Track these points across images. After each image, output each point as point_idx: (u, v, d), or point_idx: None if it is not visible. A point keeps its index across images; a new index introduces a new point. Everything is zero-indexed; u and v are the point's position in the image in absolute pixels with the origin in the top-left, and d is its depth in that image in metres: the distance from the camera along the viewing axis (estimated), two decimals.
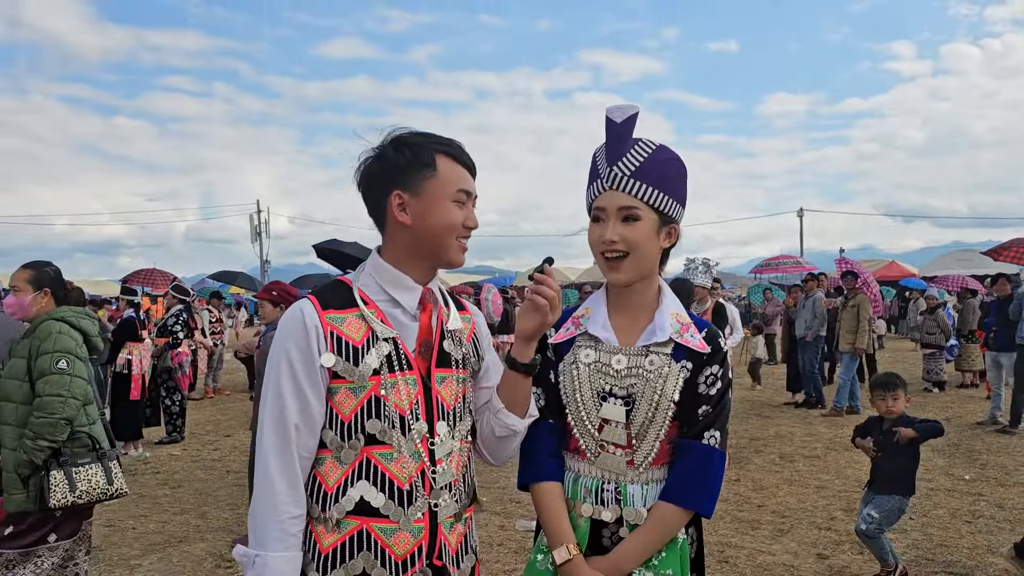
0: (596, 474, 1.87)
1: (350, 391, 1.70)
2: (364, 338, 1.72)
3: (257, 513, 1.68)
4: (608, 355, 1.88)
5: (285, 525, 1.65)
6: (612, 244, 1.82)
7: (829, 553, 5.02)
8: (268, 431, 1.69)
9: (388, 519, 1.69)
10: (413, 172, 1.74)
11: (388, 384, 1.70)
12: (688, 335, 1.87)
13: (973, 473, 7.06)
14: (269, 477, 1.67)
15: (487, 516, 5.82)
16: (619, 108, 1.83)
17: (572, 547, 1.82)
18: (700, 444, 1.82)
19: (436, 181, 1.75)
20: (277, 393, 1.69)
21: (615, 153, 1.83)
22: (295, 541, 1.67)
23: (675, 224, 1.89)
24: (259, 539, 1.66)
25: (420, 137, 1.79)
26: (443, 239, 1.77)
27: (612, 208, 1.83)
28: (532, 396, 1.90)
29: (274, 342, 1.74)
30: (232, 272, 20.55)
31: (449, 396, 1.80)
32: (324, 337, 1.69)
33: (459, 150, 1.80)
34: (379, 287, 1.78)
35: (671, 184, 1.85)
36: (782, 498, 6.36)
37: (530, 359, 1.83)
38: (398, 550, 1.69)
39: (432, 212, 1.75)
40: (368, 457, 1.70)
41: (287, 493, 1.66)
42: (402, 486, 1.70)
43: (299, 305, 1.75)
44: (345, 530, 1.69)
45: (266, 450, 1.68)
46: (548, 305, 1.77)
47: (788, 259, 17.99)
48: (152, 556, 5.22)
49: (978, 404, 10.84)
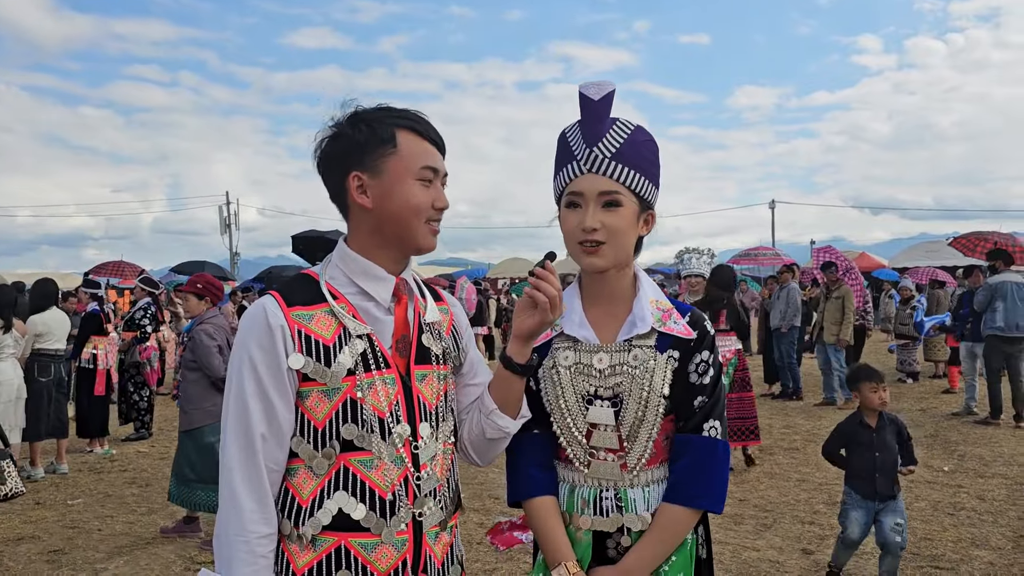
0: (592, 483, 1.74)
1: (323, 394, 1.55)
2: (335, 336, 1.56)
3: (223, 533, 1.52)
4: (589, 355, 1.74)
5: (253, 546, 1.50)
6: (592, 232, 1.68)
7: (814, 548, 4.96)
8: (231, 443, 1.53)
9: (369, 532, 1.54)
10: (372, 150, 1.59)
11: (364, 385, 1.56)
12: (671, 322, 1.74)
13: (952, 464, 7.06)
14: (234, 494, 1.51)
15: (466, 513, 5.69)
16: (595, 85, 1.68)
17: (571, 565, 1.69)
18: (701, 437, 1.70)
19: (397, 158, 1.59)
20: (240, 401, 1.53)
21: (594, 133, 1.68)
22: (265, 563, 1.51)
23: (652, 210, 1.77)
24: (225, 561, 1.50)
25: (380, 112, 1.63)
26: (409, 222, 1.60)
27: (592, 193, 1.68)
28: (524, 398, 1.75)
29: (235, 344, 1.58)
30: (198, 262, 20.20)
31: (431, 395, 1.65)
32: (291, 337, 1.54)
33: (423, 124, 1.64)
34: (348, 279, 1.63)
35: (649, 167, 1.72)
36: (764, 492, 6.31)
37: (527, 359, 1.69)
38: (380, 566, 1.54)
39: (395, 193, 1.59)
40: (346, 465, 1.55)
41: (255, 511, 1.51)
42: (384, 495, 1.55)
43: (261, 302, 1.58)
44: (321, 547, 1.54)
45: (230, 464, 1.52)
46: (548, 303, 1.62)
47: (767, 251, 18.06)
48: (118, 559, 5.03)
49: (953, 395, 10.91)
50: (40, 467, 7.32)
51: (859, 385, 4.36)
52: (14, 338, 6.83)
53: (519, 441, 1.79)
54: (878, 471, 4.17)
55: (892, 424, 4.35)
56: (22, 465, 7.17)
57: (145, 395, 9.11)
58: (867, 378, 4.35)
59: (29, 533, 5.62)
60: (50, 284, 8.04)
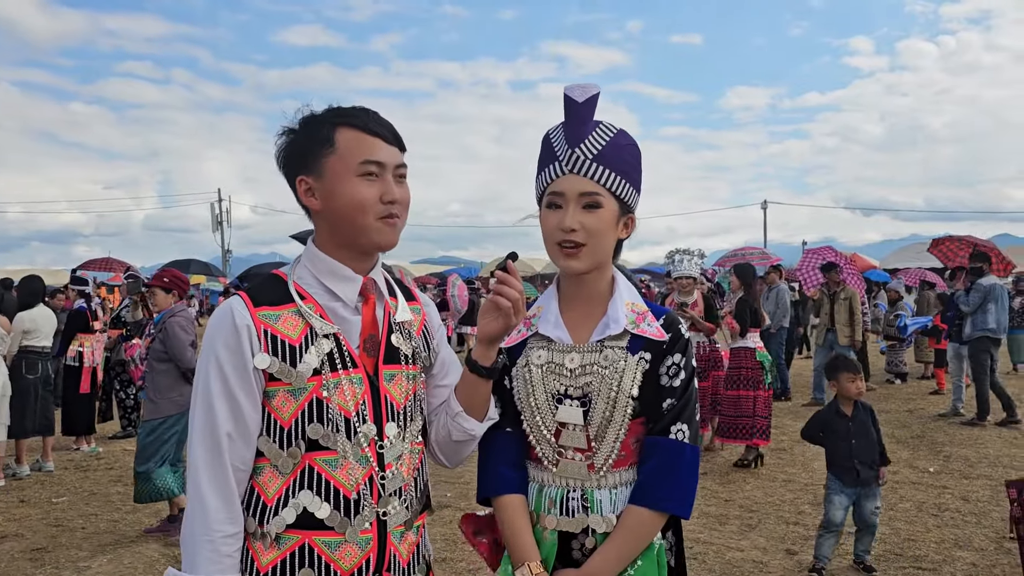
0: (560, 483, 1.74)
1: (289, 394, 1.56)
2: (302, 336, 1.57)
3: (188, 532, 1.53)
4: (561, 354, 1.75)
5: (217, 545, 1.50)
6: (572, 232, 1.68)
7: (798, 548, 4.97)
8: (197, 442, 1.54)
9: (333, 531, 1.55)
10: (312, 152, 1.59)
11: (331, 384, 1.56)
12: (645, 324, 1.74)
13: (937, 465, 7.09)
14: (200, 492, 1.52)
15: (451, 512, 5.69)
16: (580, 87, 1.69)
17: (534, 565, 1.68)
18: (667, 439, 1.69)
19: (336, 157, 1.58)
20: (206, 400, 1.54)
21: (576, 135, 1.69)
22: (230, 562, 1.52)
23: (632, 214, 1.77)
24: (190, 560, 1.51)
25: (323, 113, 1.63)
26: (355, 220, 1.58)
27: (572, 193, 1.68)
28: (493, 398, 1.76)
29: (203, 344, 1.59)
30: (185, 261, 20.15)
31: (399, 395, 1.65)
32: (257, 336, 1.54)
33: (365, 118, 1.61)
34: (315, 279, 1.63)
35: (631, 171, 1.73)
36: (749, 492, 6.32)
37: (492, 362, 1.69)
38: (344, 564, 1.55)
39: (336, 192, 1.58)
40: (311, 464, 1.56)
41: (220, 510, 1.51)
42: (348, 494, 1.56)
43: (228, 303, 1.59)
44: (285, 546, 1.54)
45: (196, 463, 1.53)
46: (511, 307, 1.62)
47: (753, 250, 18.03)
48: (102, 557, 5.01)
49: (940, 396, 10.96)
50: (26, 465, 7.28)
51: (838, 375, 4.61)
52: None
53: (491, 439, 1.79)
54: (856, 457, 4.44)
55: (866, 411, 4.61)
56: (7, 463, 7.14)
57: (131, 392, 9.06)
58: (845, 368, 4.64)
59: (12, 531, 5.59)
60: (37, 281, 8.00)
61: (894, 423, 9.15)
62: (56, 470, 7.43)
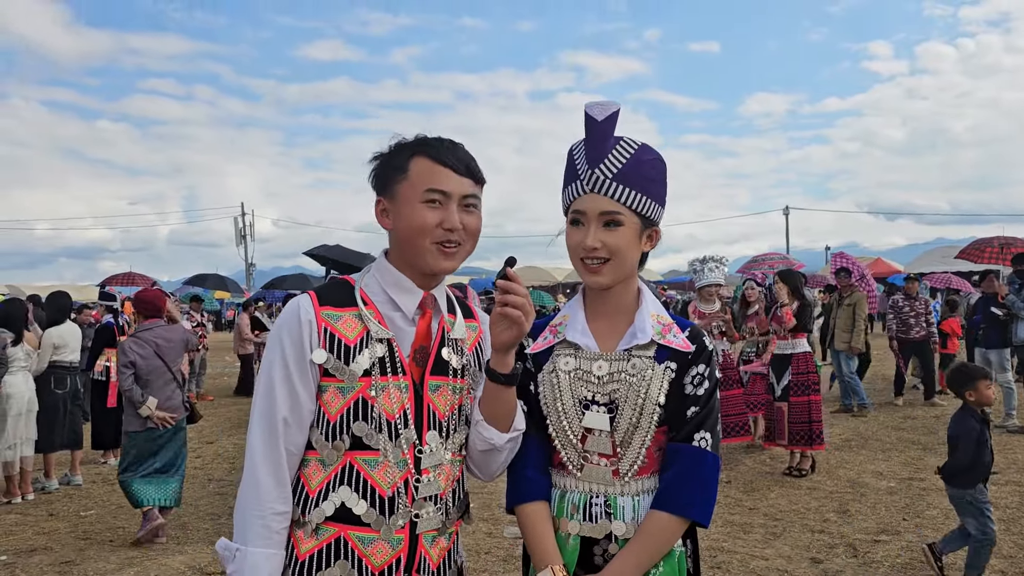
0: (583, 488, 1.77)
1: (338, 391, 1.67)
2: (358, 337, 1.68)
3: (241, 507, 1.66)
4: (588, 362, 1.78)
5: (268, 521, 1.62)
6: (593, 251, 1.73)
7: (823, 557, 4.93)
8: (256, 423, 1.67)
9: (368, 527, 1.64)
10: (389, 177, 1.74)
11: (378, 387, 1.66)
12: (671, 335, 1.79)
13: None
14: (255, 470, 1.64)
15: (475, 523, 5.70)
16: (599, 105, 1.72)
17: (558, 569, 1.71)
18: (690, 447, 1.72)
19: (407, 183, 1.71)
20: (268, 385, 1.67)
21: (596, 154, 1.72)
22: (278, 539, 1.64)
23: (656, 227, 1.80)
24: (241, 533, 1.63)
25: (407, 142, 1.76)
26: (414, 243, 1.71)
27: (593, 213, 1.73)
28: (520, 410, 1.78)
29: (271, 335, 1.74)
30: (203, 275, 20.38)
31: (443, 406, 1.73)
32: (317, 333, 1.67)
33: (439, 149, 1.72)
34: (381, 288, 1.75)
35: (653, 186, 1.75)
36: (773, 500, 6.28)
37: (510, 369, 1.70)
38: (375, 560, 1.64)
39: (402, 215, 1.71)
40: (351, 462, 1.66)
41: (272, 488, 1.64)
42: (384, 494, 1.65)
43: (297, 300, 1.73)
44: (323, 536, 1.65)
45: (254, 443, 1.66)
46: (520, 314, 1.64)
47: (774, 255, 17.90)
48: (129, 570, 5.06)
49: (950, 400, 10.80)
50: (54, 479, 7.39)
51: (976, 383, 4.33)
52: (25, 351, 6.91)
53: None
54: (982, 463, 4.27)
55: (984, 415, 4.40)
56: (36, 476, 7.24)
57: None
58: (983, 376, 4.40)
59: (42, 544, 5.67)
60: (65, 298, 8.16)
61: (921, 429, 9.05)
62: (84, 483, 7.53)
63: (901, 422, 9.52)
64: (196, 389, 13.26)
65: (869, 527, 5.50)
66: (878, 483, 6.71)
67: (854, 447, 8.21)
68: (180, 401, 5.82)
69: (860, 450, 8.05)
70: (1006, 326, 9.25)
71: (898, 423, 9.46)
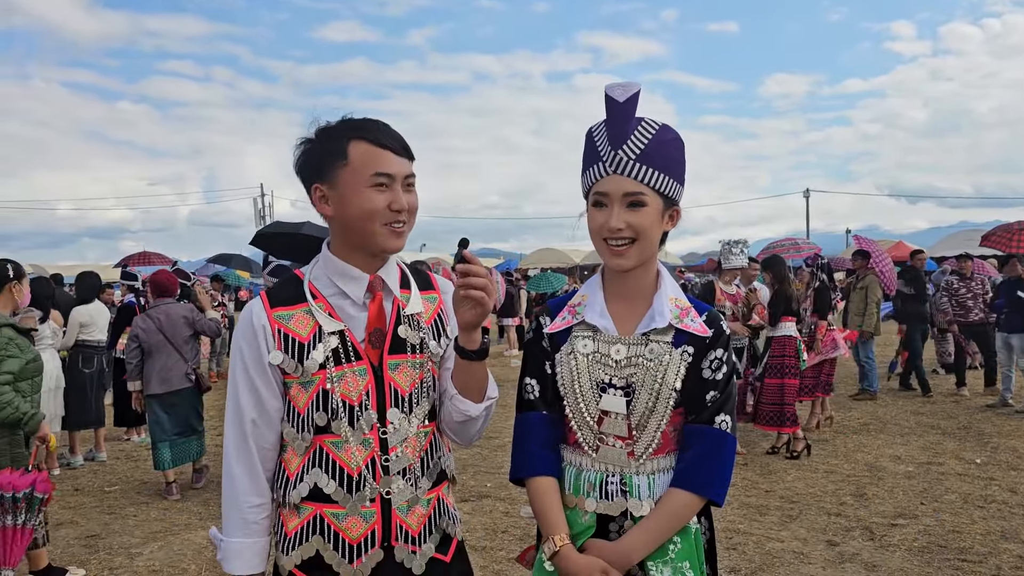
0: (599, 468, 1.79)
1: (300, 386, 1.75)
2: (311, 334, 1.74)
3: (224, 503, 1.80)
4: (607, 345, 1.79)
5: (245, 514, 1.76)
6: (618, 232, 1.73)
7: (839, 540, 4.94)
8: (228, 426, 1.78)
9: (338, 504, 1.73)
10: (326, 163, 1.73)
11: (335, 377, 1.73)
12: (688, 319, 1.79)
13: (984, 457, 6.96)
14: (229, 468, 1.78)
15: (491, 502, 5.76)
16: (620, 86, 1.72)
17: (558, 538, 1.75)
18: (713, 428, 1.75)
19: (348, 169, 1.71)
20: (233, 390, 1.77)
21: (619, 135, 1.73)
22: (256, 528, 1.77)
23: (677, 206, 1.81)
24: (225, 526, 1.79)
25: (337, 126, 1.76)
26: (365, 227, 1.73)
27: (617, 194, 1.73)
28: (491, 378, 1.84)
29: (232, 341, 1.84)
30: (227, 255, 20.45)
31: (405, 382, 1.78)
32: (272, 335, 1.74)
33: (376, 132, 1.73)
34: (328, 280, 1.79)
35: (675, 166, 1.77)
36: (790, 483, 6.29)
37: (478, 344, 1.74)
38: (351, 534, 1.73)
39: (348, 201, 1.72)
40: (321, 445, 1.75)
41: (247, 484, 1.77)
42: (352, 473, 1.73)
43: (250, 305, 1.80)
44: (303, 514, 1.75)
45: (227, 443, 1.79)
46: (483, 294, 1.65)
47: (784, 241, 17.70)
48: (153, 544, 5.17)
49: (983, 385, 10.73)
50: (79, 455, 7.52)
51: None
52: (52, 329, 7.01)
53: (525, 420, 1.86)
54: None
55: None
56: (62, 452, 7.37)
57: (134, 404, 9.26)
58: None
59: (68, 518, 5.79)
60: (93, 277, 8.29)
61: (940, 414, 9.00)
62: (108, 460, 7.66)
63: (920, 406, 9.47)
64: (216, 368, 13.40)
65: (886, 511, 5.50)
66: (896, 467, 6.70)
67: (872, 431, 8.19)
68: (182, 372, 6.29)
69: (878, 434, 8.03)
70: None
71: (917, 407, 9.42)
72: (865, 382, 10.27)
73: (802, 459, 7.00)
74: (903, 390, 10.67)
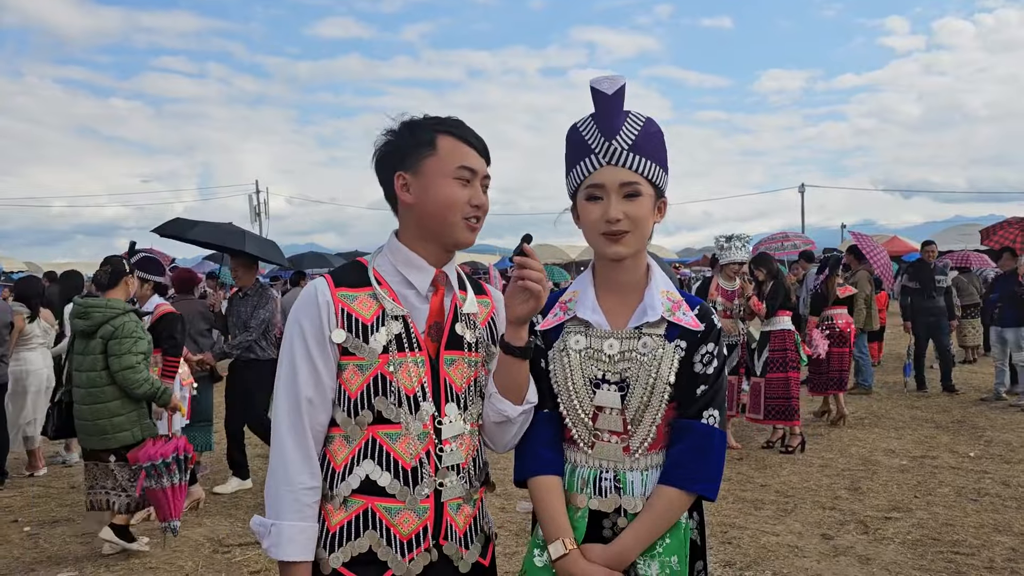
0: (593, 464, 1.79)
1: (357, 368, 1.72)
2: (375, 316, 1.73)
3: (271, 484, 1.71)
4: (599, 340, 1.79)
5: (298, 495, 1.68)
6: (616, 222, 1.74)
7: (833, 533, 4.97)
8: (281, 404, 1.72)
9: (393, 498, 1.70)
10: (413, 152, 1.76)
11: (396, 363, 1.71)
12: (680, 313, 1.79)
13: (978, 450, 7.00)
14: (283, 448, 1.70)
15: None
16: (606, 79, 1.74)
17: (568, 541, 1.74)
18: (700, 423, 1.75)
19: (435, 159, 1.75)
20: (291, 367, 1.72)
21: (610, 127, 1.74)
22: (310, 512, 1.69)
23: (664, 198, 1.83)
24: (274, 509, 1.69)
25: (424, 120, 1.80)
26: (445, 217, 1.75)
27: (613, 184, 1.74)
28: (532, 383, 1.81)
29: (289, 317, 1.77)
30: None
31: (459, 379, 1.78)
32: (335, 313, 1.72)
33: (462, 128, 1.79)
34: (393, 268, 1.80)
35: (662, 157, 1.79)
36: (785, 477, 6.31)
37: (525, 342, 1.74)
38: (403, 529, 1.69)
39: (432, 190, 1.75)
40: (374, 436, 1.71)
41: (300, 463, 1.69)
42: (407, 466, 1.70)
43: (314, 283, 1.78)
44: (351, 508, 1.71)
45: (280, 422, 1.72)
46: (539, 288, 1.69)
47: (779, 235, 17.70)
48: (149, 540, 5.16)
49: (981, 380, 10.79)
50: (75, 452, 7.51)
51: None
52: (42, 328, 6.99)
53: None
54: None
55: None
56: (57, 451, 7.36)
57: None
58: None
59: (64, 516, 5.79)
60: (77, 276, 8.36)
61: (934, 408, 9.04)
62: None
63: (915, 401, 9.51)
64: None
65: (880, 504, 5.53)
66: (890, 461, 6.73)
67: (867, 425, 8.22)
68: (195, 362, 6.47)
69: (873, 428, 8.07)
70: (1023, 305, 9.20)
71: (911, 402, 9.45)
72: (859, 377, 10.30)
73: (796, 453, 7.04)
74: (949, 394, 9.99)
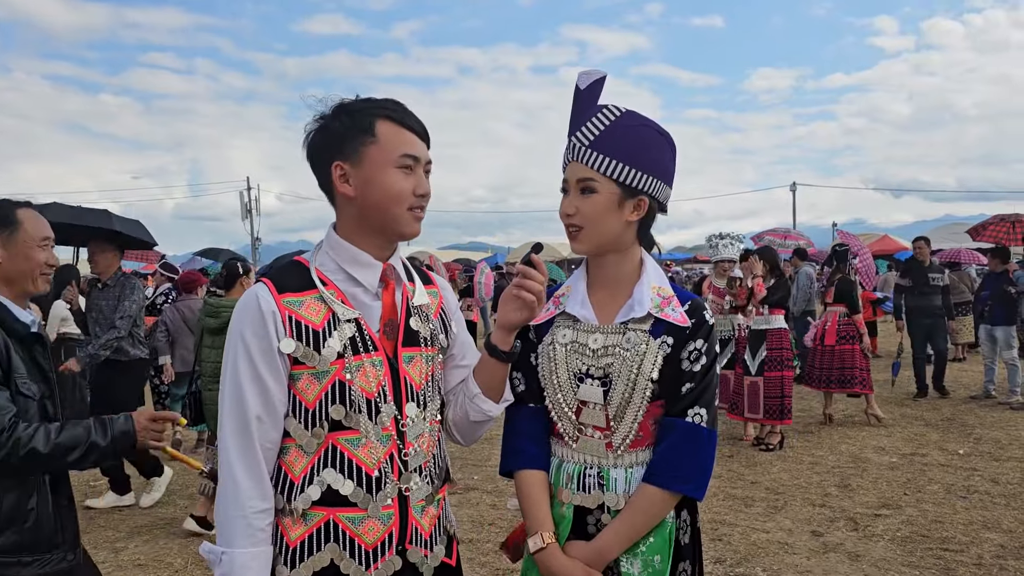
0: (578, 459, 1.79)
1: (313, 377, 1.61)
2: (325, 321, 1.62)
3: (221, 510, 1.60)
4: (585, 334, 1.78)
5: (250, 520, 1.58)
6: (568, 217, 1.76)
7: (823, 530, 4.98)
8: (227, 426, 1.60)
9: (356, 507, 1.62)
10: (352, 140, 1.63)
11: (353, 367, 1.62)
12: (669, 309, 1.76)
13: (967, 447, 7.03)
14: (232, 473, 1.59)
15: (479, 495, 5.76)
16: (586, 73, 1.74)
17: (547, 535, 1.74)
18: (683, 421, 1.72)
19: (377, 147, 1.62)
20: (235, 384, 1.60)
21: (576, 122, 1.75)
22: (263, 536, 1.59)
23: (643, 196, 1.75)
24: (225, 536, 1.58)
25: (361, 103, 1.67)
26: (390, 210, 1.64)
27: (572, 180, 1.75)
28: (508, 381, 1.82)
29: (230, 331, 1.64)
30: (216, 249, 20.39)
31: (418, 376, 1.71)
32: (282, 322, 1.60)
33: (403, 113, 1.67)
34: (338, 266, 1.68)
35: (637, 154, 1.71)
36: (776, 474, 6.32)
37: (511, 347, 1.74)
38: (367, 539, 1.62)
39: (375, 181, 1.63)
40: (334, 444, 1.62)
41: (251, 488, 1.58)
42: (371, 472, 1.62)
43: (254, 290, 1.64)
44: (312, 522, 1.62)
45: (227, 444, 1.60)
46: (534, 300, 1.68)
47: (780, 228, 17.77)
48: (138, 539, 5.15)
49: (971, 378, 10.84)
50: None
51: None
52: None
53: (514, 414, 1.85)
54: None
55: None
56: None
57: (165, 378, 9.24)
58: None
59: None
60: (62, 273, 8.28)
61: (924, 405, 9.07)
62: None
63: (905, 398, 9.54)
64: None
65: (870, 501, 5.55)
66: (880, 458, 6.75)
67: (857, 422, 8.24)
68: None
69: (863, 425, 8.09)
70: (1014, 303, 9.24)
71: (901, 399, 9.48)
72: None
73: (785, 450, 7.05)
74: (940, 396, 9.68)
